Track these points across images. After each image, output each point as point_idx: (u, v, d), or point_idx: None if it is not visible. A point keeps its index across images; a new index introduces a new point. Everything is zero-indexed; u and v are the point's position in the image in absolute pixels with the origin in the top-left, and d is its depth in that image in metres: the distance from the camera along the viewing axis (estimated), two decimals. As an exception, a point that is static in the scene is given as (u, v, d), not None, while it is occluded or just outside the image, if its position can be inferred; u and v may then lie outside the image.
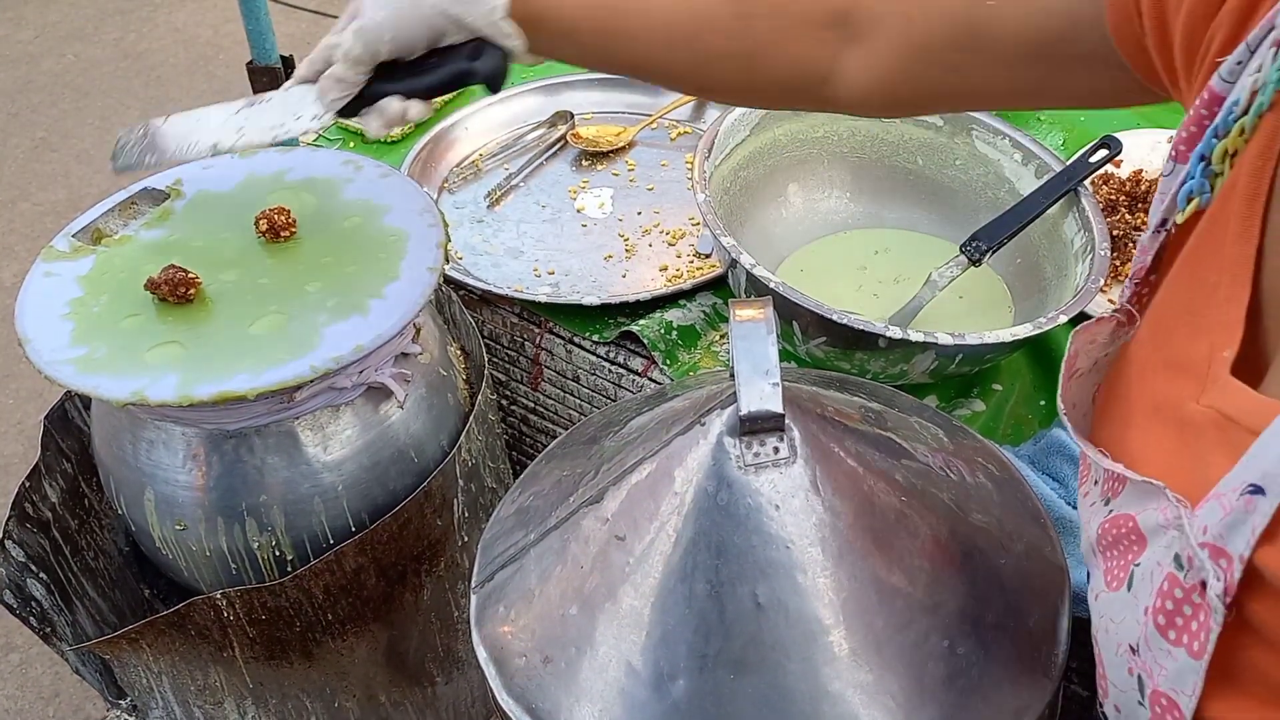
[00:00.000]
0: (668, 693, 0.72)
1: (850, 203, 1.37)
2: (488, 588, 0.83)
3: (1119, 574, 0.63)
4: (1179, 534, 0.56)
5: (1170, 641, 0.58)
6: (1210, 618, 0.55)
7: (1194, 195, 0.64)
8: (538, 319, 1.32)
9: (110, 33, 3.82)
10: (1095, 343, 0.73)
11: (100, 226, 1.11)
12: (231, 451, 1.03)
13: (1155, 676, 0.60)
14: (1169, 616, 0.58)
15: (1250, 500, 0.51)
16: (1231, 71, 0.61)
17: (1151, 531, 0.60)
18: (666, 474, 0.76)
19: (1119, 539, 0.63)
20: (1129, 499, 0.63)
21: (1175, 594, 0.57)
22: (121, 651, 1.09)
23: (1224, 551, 0.53)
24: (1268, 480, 0.51)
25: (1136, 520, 0.61)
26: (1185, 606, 0.57)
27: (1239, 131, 0.61)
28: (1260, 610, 0.53)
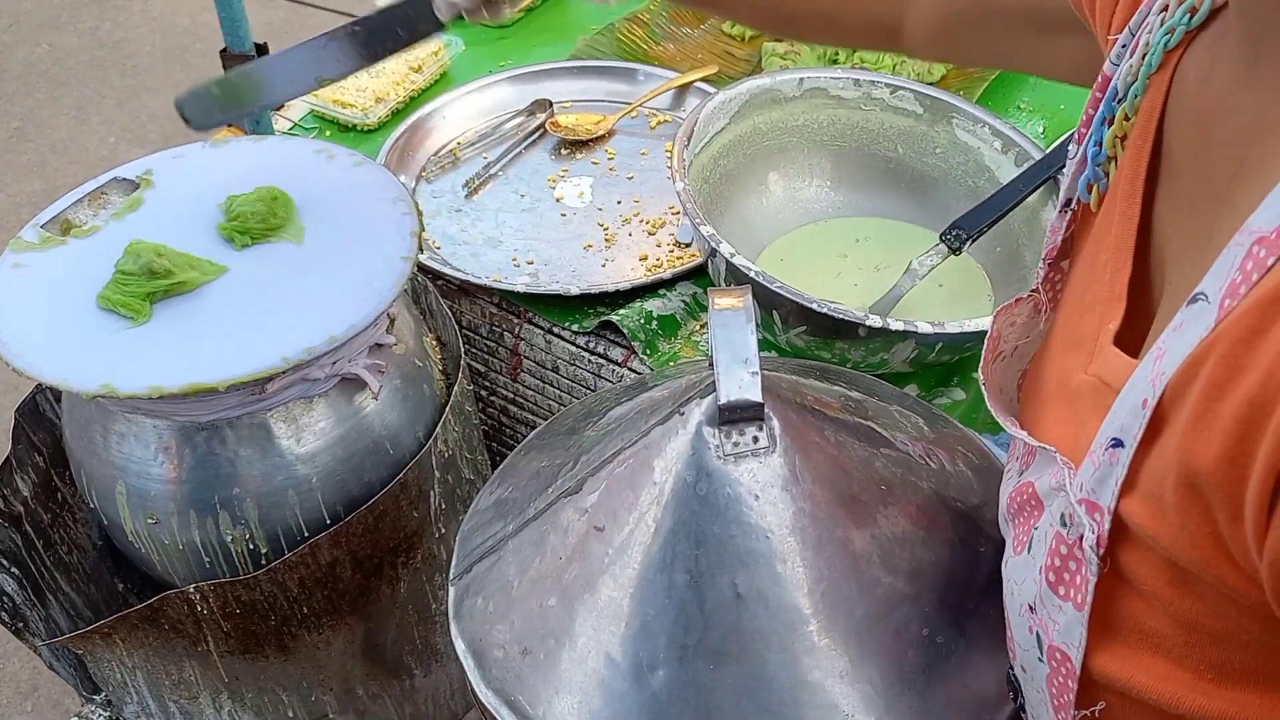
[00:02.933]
0: (647, 683, 0.71)
1: (831, 191, 1.36)
2: (466, 580, 0.83)
3: (1023, 539, 0.66)
4: (1064, 494, 0.59)
5: (1060, 597, 0.61)
6: (1088, 570, 0.57)
7: (1093, 183, 0.68)
8: (517, 309, 1.31)
9: (85, 21, 3.77)
10: (1015, 324, 0.76)
11: (69, 217, 1.09)
12: (204, 444, 1.01)
13: (1050, 632, 0.62)
14: (1058, 573, 0.60)
15: (1113, 453, 0.54)
16: (1118, 54, 0.66)
17: (1046, 495, 0.63)
18: (645, 464, 0.75)
19: (1023, 506, 0.66)
20: (1033, 469, 0.66)
21: (1061, 550, 0.60)
22: (94, 646, 1.08)
23: (1096, 505, 0.56)
24: (1124, 432, 0.54)
25: (1035, 486, 0.64)
26: (1070, 562, 0.59)
27: (1123, 116, 0.65)
28: (1130, 561, 0.56)
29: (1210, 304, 0.50)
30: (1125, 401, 0.54)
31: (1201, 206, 0.59)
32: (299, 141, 1.20)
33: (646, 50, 1.65)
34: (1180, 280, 0.60)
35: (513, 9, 1.02)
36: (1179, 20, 0.62)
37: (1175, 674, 0.57)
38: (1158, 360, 0.53)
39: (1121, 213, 0.65)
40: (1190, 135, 0.62)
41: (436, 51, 1.60)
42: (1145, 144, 0.64)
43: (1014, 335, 0.76)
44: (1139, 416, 0.53)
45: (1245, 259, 0.49)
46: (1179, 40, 0.63)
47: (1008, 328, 0.75)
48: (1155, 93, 0.64)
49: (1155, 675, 0.58)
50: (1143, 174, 0.64)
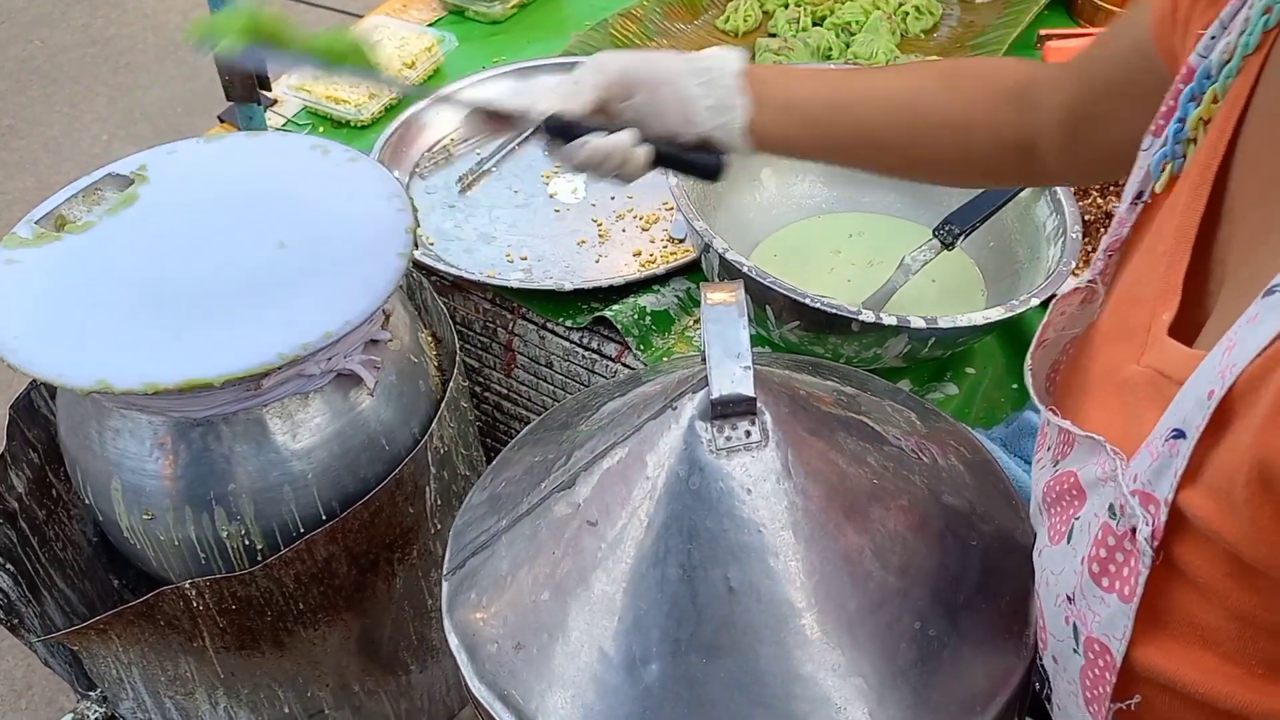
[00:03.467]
0: (640, 677, 0.71)
1: (824, 186, 1.37)
2: (459, 575, 0.83)
3: (1060, 529, 0.66)
4: (1114, 485, 0.59)
5: (1103, 588, 0.60)
6: (1139, 561, 0.57)
7: (1168, 160, 0.66)
8: (510, 305, 1.31)
9: (78, 18, 3.77)
10: (1066, 314, 0.75)
11: (64, 213, 1.09)
12: (199, 440, 1.01)
13: (1089, 623, 0.62)
14: (1102, 564, 0.60)
15: (1174, 445, 0.54)
16: (1206, 47, 0.64)
17: (1091, 485, 0.62)
18: (638, 459, 0.76)
19: (1061, 495, 0.66)
20: (1075, 457, 0.66)
21: (1109, 542, 0.60)
22: (90, 642, 1.08)
23: (1152, 496, 0.56)
24: (1187, 423, 0.53)
25: (1078, 476, 0.64)
26: (1118, 553, 0.59)
27: (1211, 98, 0.63)
28: (1185, 553, 0.56)
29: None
30: (1189, 393, 0.54)
31: (1277, 194, 0.59)
32: (294, 138, 1.20)
33: (640, 46, 1.65)
34: (1250, 270, 0.59)
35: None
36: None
37: (1224, 669, 0.57)
38: (1227, 351, 0.52)
39: (1187, 204, 0.64)
40: (1275, 122, 0.61)
41: (430, 48, 1.60)
42: (1226, 131, 0.63)
43: (1062, 324, 0.75)
44: (1204, 408, 0.52)
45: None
46: (1276, 20, 0.61)
47: (1059, 317, 0.75)
48: (1246, 76, 0.63)
49: (1203, 669, 0.58)
50: (1216, 164, 0.63)
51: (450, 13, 1.74)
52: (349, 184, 1.12)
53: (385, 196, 1.11)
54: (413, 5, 1.76)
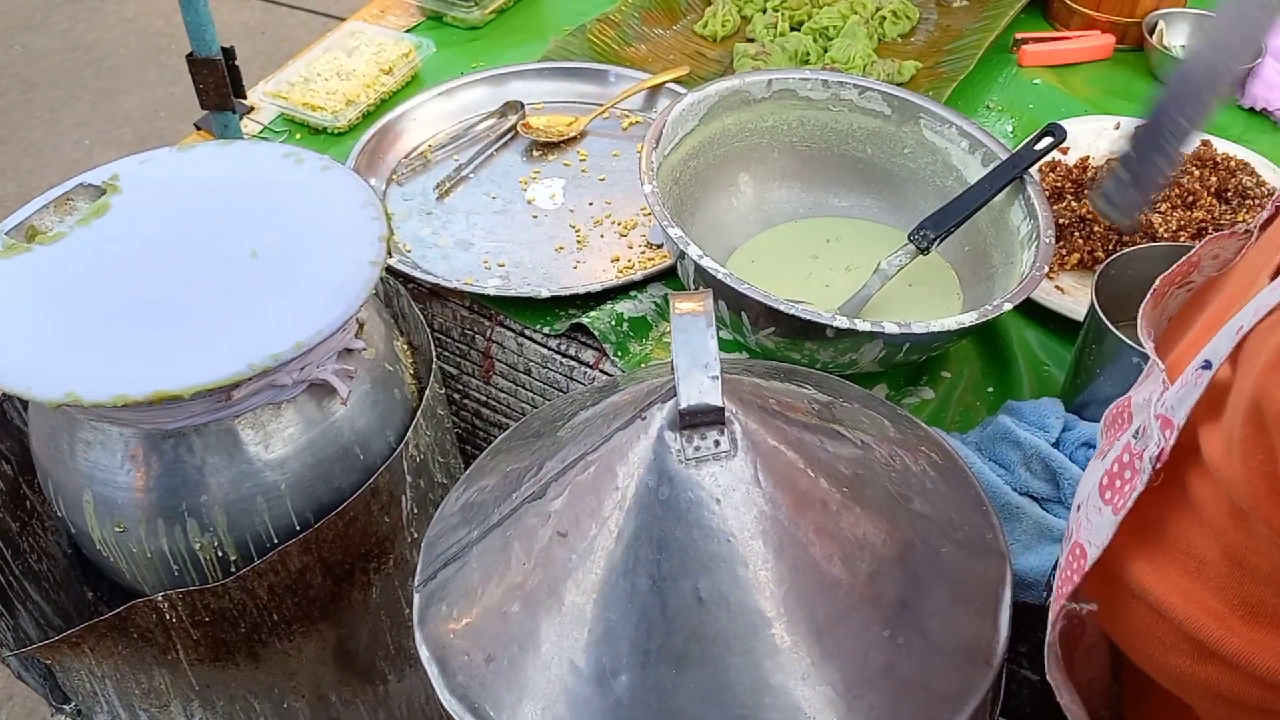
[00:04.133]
0: (610, 689, 0.71)
1: (801, 191, 1.37)
2: (430, 586, 0.82)
3: (1104, 450, 0.68)
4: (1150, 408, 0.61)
5: (1104, 501, 0.63)
6: (1137, 478, 0.59)
7: None
8: (488, 311, 1.31)
9: (59, 23, 3.75)
10: (1217, 258, 0.76)
11: (35, 223, 1.08)
12: (170, 451, 1.01)
13: (1081, 529, 0.65)
14: (1111, 479, 0.62)
15: (1200, 374, 0.56)
16: None
17: (1137, 409, 0.64)
18: (608, 469, 0.76)
19: (1116, 419, 0.68)
20: (1141, 385, 0.67)
21: (1124, 458, 0.62)
22: (63, 656, 1.07)
23: (1170, 421, 0.58)
24: (1215, 354, 0.55)
25: (1131, 400, 0.66)
26: (1126, 471, 0.61)
27: None
28: (1196, 484, 0.57)
29: None
30: (1229, 326, 0.55)
31: None
32: (267, 146, 1.19)
33: (618, 51, 1.65)
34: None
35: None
36: None
37: (1209, 602, 0.59)
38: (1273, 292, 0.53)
39: None
40: None
41: (407, 54, 1.60)
42: None
43: (1210, 268, 0.76)
44: (1230, 341, 0.53)
45: None
46: None
47: (1210, 259, 0.75)
48: None
49: (1189, 598, 0.59)
50: None
51: (428, 18, 1.73)
52: (322, 192, 1.11)
53: (359, 205, 1.10)
54: (390, 11, 1.76)
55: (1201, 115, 0.81)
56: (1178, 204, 1.31)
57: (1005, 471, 1.05)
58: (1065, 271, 1.30)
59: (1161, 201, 1.32)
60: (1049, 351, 1.24)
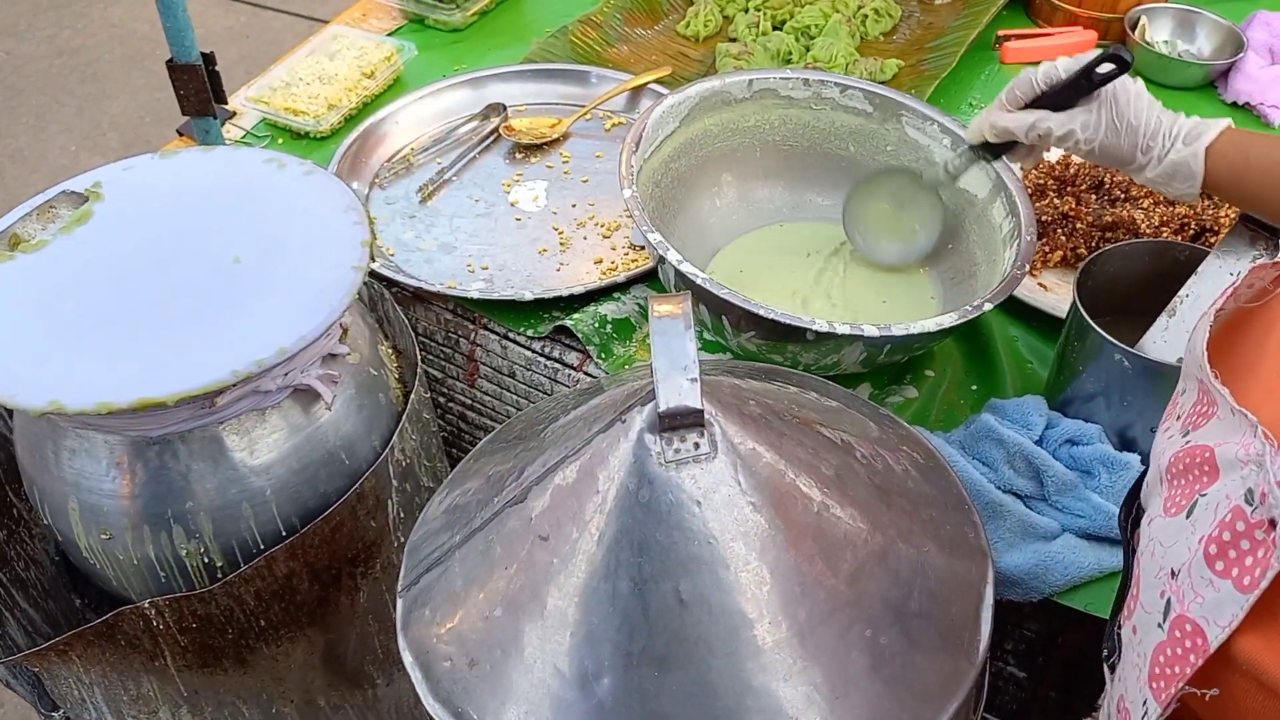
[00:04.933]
0: (593, 692, 0.72)
1: (784, 191, 1.37)
2: (414, 591, 0.83)
3: (1181, 501, 0.63)
4: (1258, 469, 0.57)
5: (1216, 572, 0.58)
6: (1272, 555, 0.55)
7: None
8: (472, 315, 1.31)
9: (44, 29, 3.74)
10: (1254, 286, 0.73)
11: (18, 231, 1.08)
12: (155, 458, 1.01)
13: (1186, 603, 0.60)
14: (1222, 547, 0.58)
15: None
16: None
17: (1227, 464, 0.60)
18: (589, 472, 0.76)
19: (1190, 467, 0.64)
20: (1212, 431, 0.63)
21: (1237, 526, 0.57)
22: (50, 663, 1.07)
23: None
24: None
25: (1215, 451, 0.61)
26: (1244, 540, 0.57)
27: None
28: None
29: None
30: None
31: None
32: (248, 152, 1.19)
33: (600, 53, 1.65)
34: None
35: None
36: None
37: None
38: None
39: None
40: None
41: (389, 57, 1.59)
42: None
43: (1248, 296, 0.73)
44: None
45: None
46: None
47: (1246, 289, 0.73)
48: None
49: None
50: None
51: (410, 21, 1.73)
52: (304, 198, 1.11)
53: (341, 210, 1.10)
54: (372, 14, 1.75)
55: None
56: (1160, 200, 1.31)
57: (989, 470, 1.05)
58: (1048, 269, 1.30)
59: (1144, 198, 1.32)
60: (1032, 349, 1.24)
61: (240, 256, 1.05)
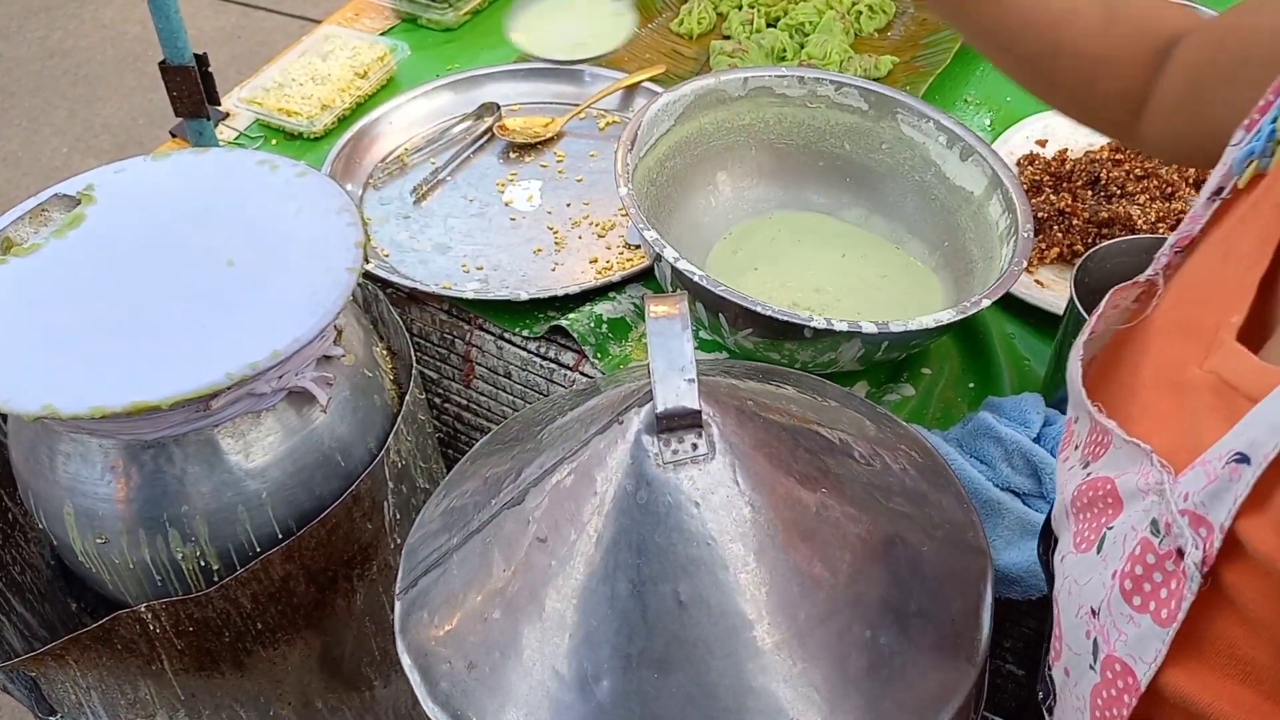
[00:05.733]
0: (592, 694, 0.71)
1: (780, 189, 1.36)
2: (412, 593, 0.82)
3: (1090, 536, 0.62)
4: (1159, 499, 0.55)
5: (1134, 607, 0.57)
6: (1184, 586, 0.53)
7: (1254, 157, 0.63)
8: (467, 315, 1.30)
9: (35, 30, 3.73)
10: (1119, 308, 0.71)
11: (10, 235, 1.08)
12: (150, 462, 1.01)
13: (1112, 641, 0.59)
14: (1136, 581, 0.56)
15: (1235, 469, 0.51)
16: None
17: (1130, 495, 0.59)
18: (586, 474, 0.76)
19: (1094, 501, 0.62)
20: (1110, 462, 0.62)
21: (1147, 559, 0.56)
22: (47, 668, 1.07)
23: (1204, 520, 0.52)
24: (1253, 448, 0.50)
25: (1115, 483, 0.60)
26: (1156, 573, 0.55)
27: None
28: (1238, 581, 0.52)
29: None
30: (1262, 416, 0.50)
31: None
32: (241, 153, 1.19)
33: (594, 51, 1.64)
34: None
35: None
36: None
37: (1263, 707, 0.53)
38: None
39: (1276, 207, 0.60)
40: None
41: (382, 57, 1.59)
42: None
43: (1115, 317, 0.72)
44: (1275, 436, 0.49)
45: None
46: None
47: (1111, 310, 0.71)
48: None
49: (1239, 704, 0.54)
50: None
51: (402, 21, 1.73)
52: (298, 199, 1.11)
53: (334, 211, 1.10)
54: (365, 14, 1.75)
55: None
56: (1156, 195, 1.31)
57: (987, 468, 1.05)
58: (1044, 265, 1.30)
59: (1140, 193, 1.32)
60: (1029, 346, 1.24)
61: (234, 259, 1.05)
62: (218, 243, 1.07)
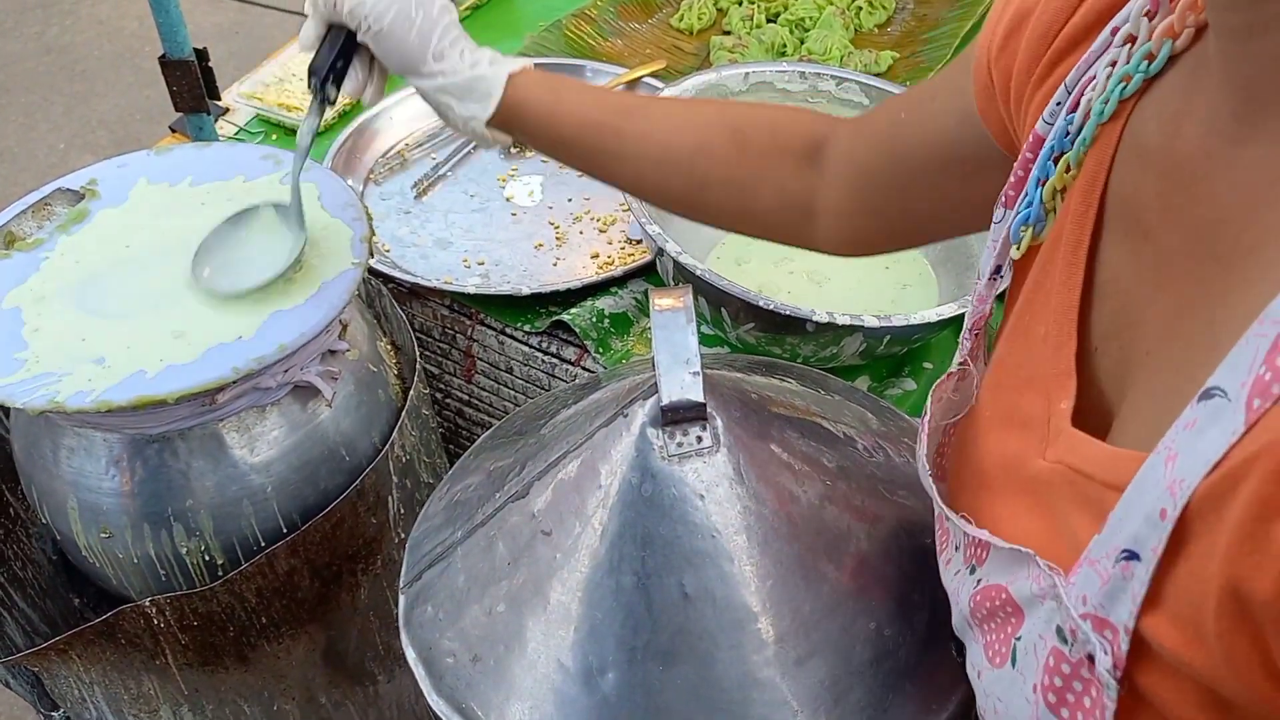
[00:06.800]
0: (597, 687, 0.72)
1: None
2: (416, 587, 0.83)
3: (1000, 649, 0.60)
4: (1057, 605, 0.53)
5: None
6: (1104, 694, 0.51)
7: (1029, 224, 0.63)
8: (469, 310, 1.31)
9: (31, 27, 3.73)
10: (941, 401, 0.71)
11: (13, 229, 1.08)
12: (155, 456, 1.01)
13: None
14: (1059, 694, 0.54)
15: (1126, 566, 0.49)
16: (1052, 113, 0.61)
17: (1027, 602, 0.57)
18: (591, 467, 0.76)
19: (994, 611, 0.60)
20: (996, 567, 0.60)
21: (1063, 669, 0.54)
22: (50, 663, 1.07)
23: (1107, 622, 0.50)
24: (1139, 543, 0.48)
25: (1009, 591, 0.58)
26: (1075, 682, 0.53)
27: (1064, 167, 0.61)
28: (1151, 683, 0.50)
29: (1233, 402, 0.44)
30: (1134, 508, 0.48)
31: (1185, 271, 0.53)
32: (244, 147, 1.19)
33: (594, 46, 1.65)
34: (1163, 361, 0.54)
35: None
36: (1135, 68, 0.57)
37: None
38: (1169, 463, 0.47)
39: (1062, 280, 0.60)
40: (1160, 190, 0.55)
41: (383, 53, 1.59)
42: (1091, 202, 0.59)
43: (940, 413, 0.71)
44: (1158, 529, 0.47)
45: (1272, 352, 0.42)
46: (1135, 89, 0.58)
47: (936, 405, 0.71)
48: (1103, 145, 0.59)
49: None
50: (1085, 241, 0.59)
51: (403, 17, 1.72)
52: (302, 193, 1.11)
53: (340, 206, 1.10)
54: (366, 10, 1.75)
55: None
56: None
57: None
58: (1044, 259, 1.30)
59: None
60: (1029, 339, 1.25)
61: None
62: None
